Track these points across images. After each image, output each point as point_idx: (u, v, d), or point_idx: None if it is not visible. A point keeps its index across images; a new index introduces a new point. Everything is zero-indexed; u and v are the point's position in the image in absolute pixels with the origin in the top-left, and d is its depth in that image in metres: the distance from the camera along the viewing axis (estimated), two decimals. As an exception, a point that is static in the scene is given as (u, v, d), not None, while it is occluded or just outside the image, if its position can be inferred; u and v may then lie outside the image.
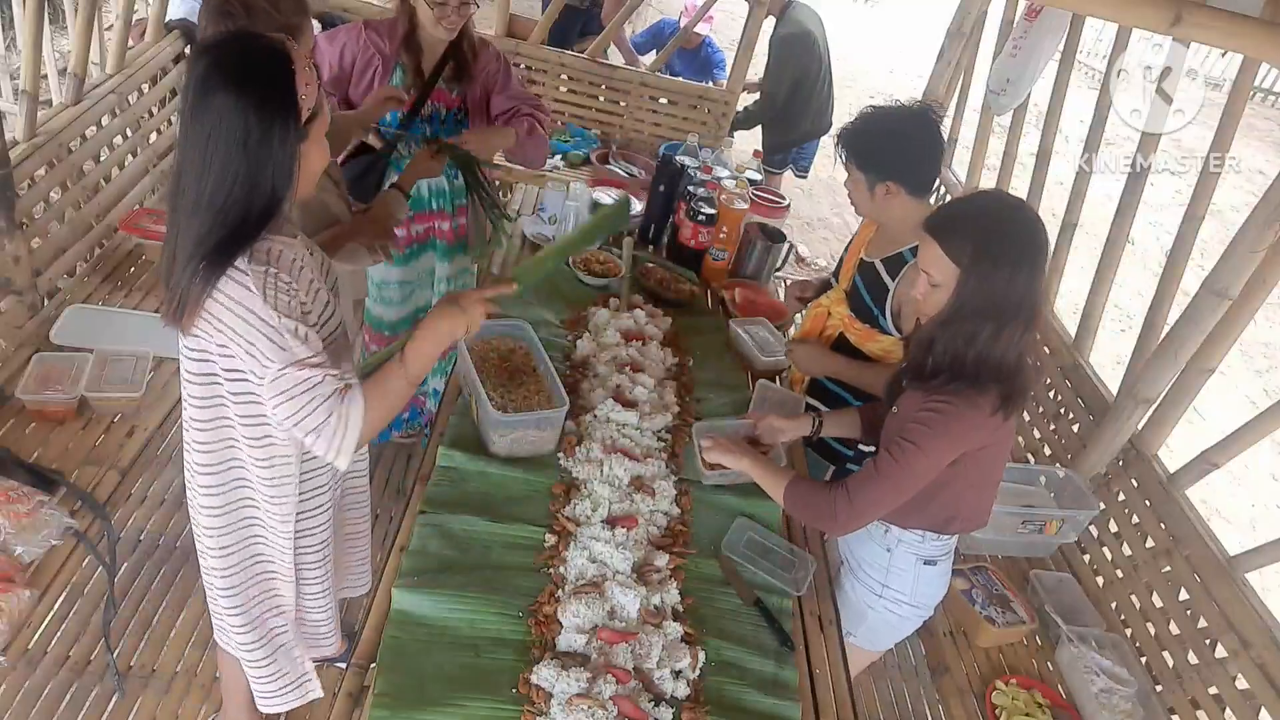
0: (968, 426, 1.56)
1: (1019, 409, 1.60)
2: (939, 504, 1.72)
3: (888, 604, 1.88)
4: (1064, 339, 2.92)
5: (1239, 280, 2.17)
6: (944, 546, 1.84)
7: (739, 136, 4.32)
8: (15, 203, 2.47)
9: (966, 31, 3.76)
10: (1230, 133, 2.34)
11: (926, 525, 1.78)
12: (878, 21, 11.84)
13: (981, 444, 1.61)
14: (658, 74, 4.12)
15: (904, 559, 1.83)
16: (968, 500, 1.75)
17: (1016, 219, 1.52)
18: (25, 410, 2.32)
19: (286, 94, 1.24)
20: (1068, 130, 3.36)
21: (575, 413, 1.97)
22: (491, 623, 1.52)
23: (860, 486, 1.61)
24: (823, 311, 2.24)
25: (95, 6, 2.84)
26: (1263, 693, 1.98)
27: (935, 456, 1.57)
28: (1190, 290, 2.35)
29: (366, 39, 2.31)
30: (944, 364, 1.55)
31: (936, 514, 1.75)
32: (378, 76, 2.33)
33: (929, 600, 1.91)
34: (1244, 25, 1.71)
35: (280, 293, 1.29)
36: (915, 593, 1.86)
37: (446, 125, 2.47)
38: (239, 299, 1.27)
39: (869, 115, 1.92)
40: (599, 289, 2.51)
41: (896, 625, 1.93)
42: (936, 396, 1.56)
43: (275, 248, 1.34)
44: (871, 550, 1.87)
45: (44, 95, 3.11)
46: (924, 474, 1.59)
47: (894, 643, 2.08)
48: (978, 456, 1.63)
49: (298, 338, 1.30)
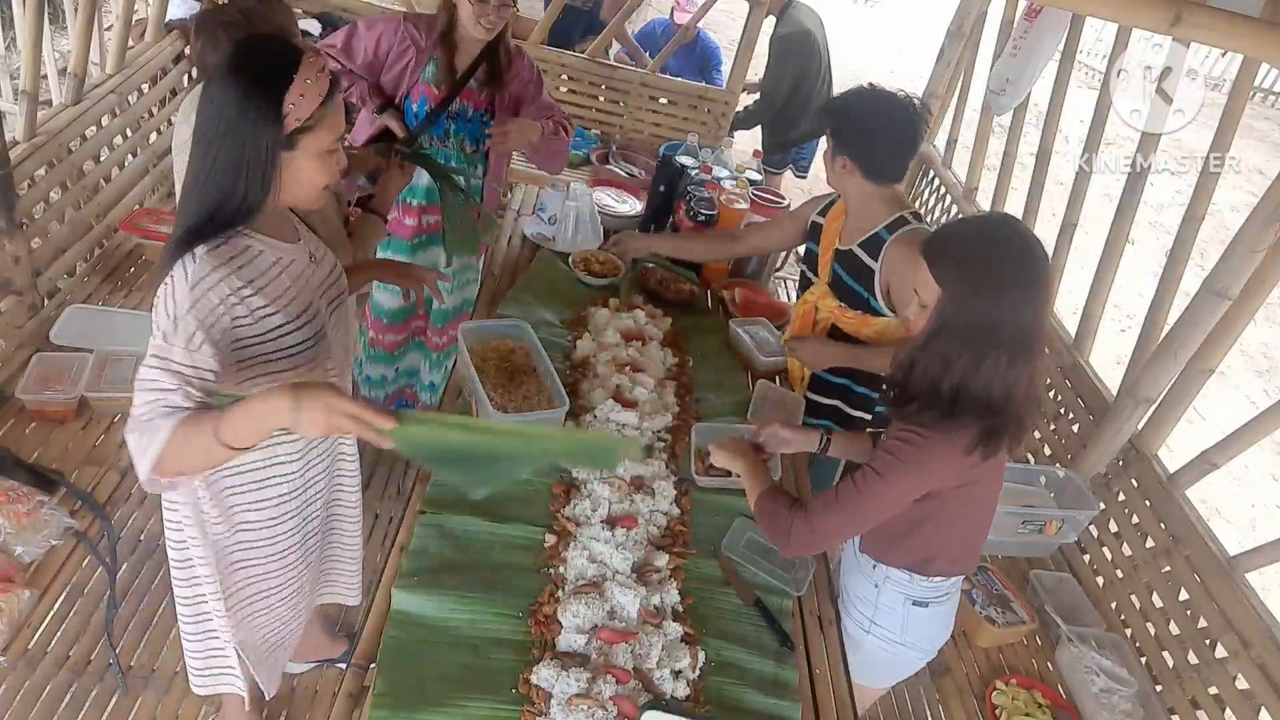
0: (937, 461, 1.47)
1: (1002, 450, 1.48)
2: (916, 542, 1.64)
3: (877, 640, 1.78)
4: (1064, 339, 2.92)
5: (1239, 280, 2.17)
6: (935, 589, 1.72)
7: (739, 136, 4.32)
8: (15, 203, 2.47)
9: (966, 31, 3.76)
10: (1230, 133, 2.34)
11: (906, 564, 1.69)
12: (878, 21, 11.85)
13: (956, 482, 1.51)
14: (658, 74, 4.12)
15: (891, 597, 1.73)
16: (948, 541, 1.65)
17: (1006, 244, 1.42)
18: (25, 410, 2.32)
19: (271, 96, 1.24)
20: (1068, 130, 3.35)
21: (575, 413, 1.97)
22: (491, 623, 1.52)
23: (818, 512, 1.54)
24: (810, 307, 2.24)
25: (95, 6, 2.84)
26: (1263, 693, 1.98)
27: (898, 490, 1.50)
28: (1190, 290, 2.35)
29: (404, 31, 2.35)
30: (921, 390, 1.46)
31: (914, 552, 1.67)
32: (410, 68, 2.37)
33: (923, 642, 1.79)
34: (1244, 25, 1.71)
35: (210, 294, 1.26)
36: (905, 633, 1.76)
37: (471, 124, 2.50)
38: (174, 278, 1.27)
39: (856, 91, 1.99)
40: (599, 289, 2.51)
41: (890, 663, 1.83)
42: (909, 426, 1.48)
43: (255, 246, 1.34)
44: (860, 584, 1.79)
45: (44, 95, 3.11)
46: (885, 506, 1.52)
47: (893, 681, 1.97)
48: (955, 495, 1.54)
49: (187, 343, 1.24)
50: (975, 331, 1.40)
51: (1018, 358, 1.41)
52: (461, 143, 2.51)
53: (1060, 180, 3.66)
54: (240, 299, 1.30)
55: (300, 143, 1.30)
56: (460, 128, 2.48)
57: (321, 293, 1.49)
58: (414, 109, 2.41)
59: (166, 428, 1.21)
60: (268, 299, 1.34)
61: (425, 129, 2.43)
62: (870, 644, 1.79)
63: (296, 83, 1.25)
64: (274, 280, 1.36)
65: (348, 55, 2.34)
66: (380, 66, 2.38)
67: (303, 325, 1.41)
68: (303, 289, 1.43)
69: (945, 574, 1.70)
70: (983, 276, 1.40)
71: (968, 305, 1.40)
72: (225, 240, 1.30)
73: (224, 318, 1.29)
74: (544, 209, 2.80)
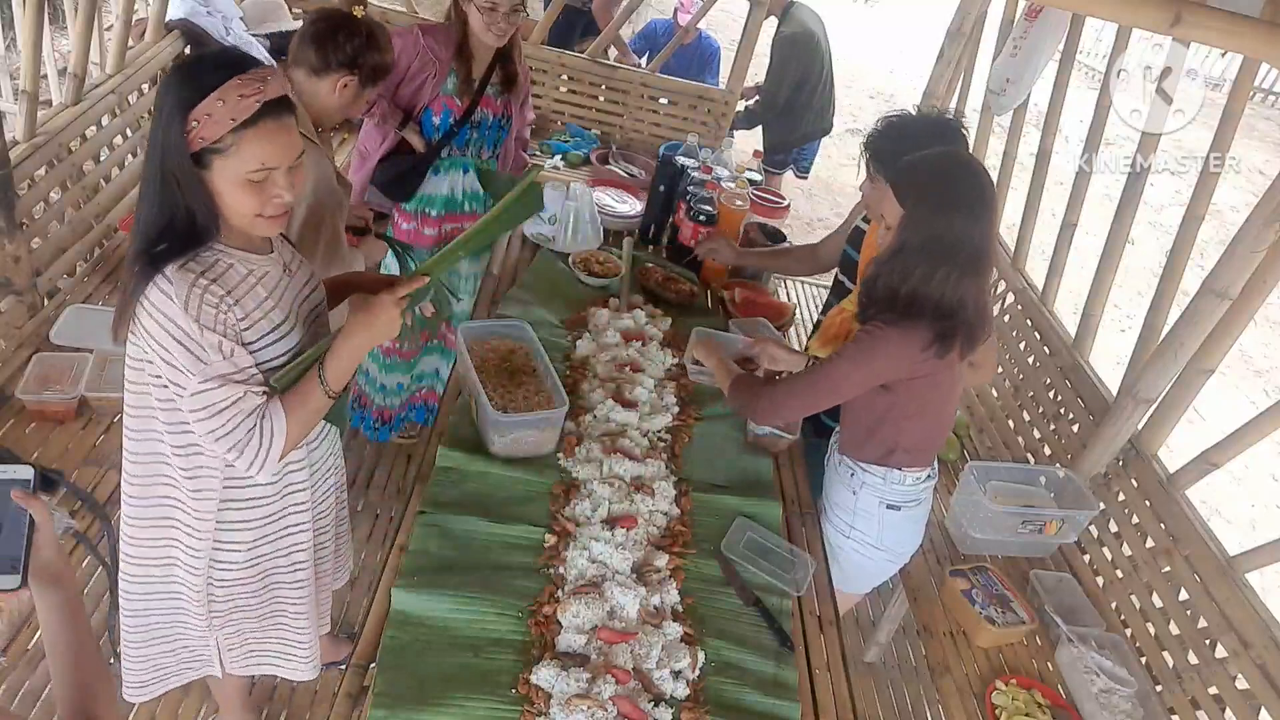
0: (893, 351, 1.67)
1: (956, 350, 1.67)
2: (882, 435, 1.84)
3: (855, 545, 1.98)
4: (1064, 339, 2.92)
5: (1239, 280, 2.17)
6: (907, 494, 1.92)
7: (739, 136, 4.31)
8: (15, 203, 2.47)
9: (966, 31, 3.75)
10: (1230, 133, 2.34)
11: (874, 458, 1.89)
12: (878, 21, 11.83)
13: (912, 374, 1.70)
14: (658, 74, 4.12)
15: (868, 501, 1.93)
16: (906, 432, 1.84)
17: (961, 171, 1.64)
18: (25, 410, 2.32)
19: (180, 110, 1.22)
20: (1068, 130, 3.35)
21: (575, 413, 1.97)
22: (491, 623, 1.52)
23: (784, 385, 1.81)
24: (846, 315, 2.21)
25: (95, 6, 2.84)
26: (1263, 693, 1.98)
27: (857, 374, 1.70)
28: (1190, 290, 2.34)
29: (425, 45, 2.38)
30: (881, 297, 1.67)
31: (881, 444, 1.86)
32: (431, 81, 2.41)
33: (897, 546, 2.01)
34: (1244, 25, 1.71)
35: (205, 305, 1.27)
36: (881, 537, 1.96)
37: (491, 132, 2.57)
38: (159, 305, 1.27)
39: (899, 126, 1.94)
40: (599, 289, 2.51)
41: (867, 568, 2.04)
42: (870, 324, 1.69)
43: (224, 260, 1.33)
44: (840, 491, 1.98)
45: (44, 95, 3.11)
46: (843, 386, 1.73)
47: (870, 586, 2.20)
48: (911, 387, 1.74)
49: (220, 352, 1.29)
50: (931, 245, 1.61)
51: (967, 271, 1.62)
52: (480, 150, 2.58)
53: (1060, 180, 3.66)
54: (228, 307, 1.30)
55: (213, 164, 1.26)
56: (481, 135, 2.55)
57: (299, 303, 1.48)
58: (435, 121, 2.46)
59: (279, 423, 1.34)
60: (245, 311, 1.34)
61: (446, 143, 2.48)
62: (849, 548, 2.00)
63: (207, 101, 1.22)
64: (250, 291, 1.35)
65: None
66: (398, 81, 2.40)
67: (285, 335, 1.41)
68: (280, 299, 1.42)
69: (908, 466, 1.89)
70: (938, 198, 1.62)
71: (926, 223, 1.62)
72: (193, 257, 1.29)
73: (229, 318, 1.30)
74: (544, 209, 2.80)
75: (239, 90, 1.23)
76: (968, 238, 1.61)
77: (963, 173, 1.64)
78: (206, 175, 1.27)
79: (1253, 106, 10.35)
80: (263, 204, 1.30)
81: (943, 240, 1.60)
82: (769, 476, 2.03)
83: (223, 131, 1.23)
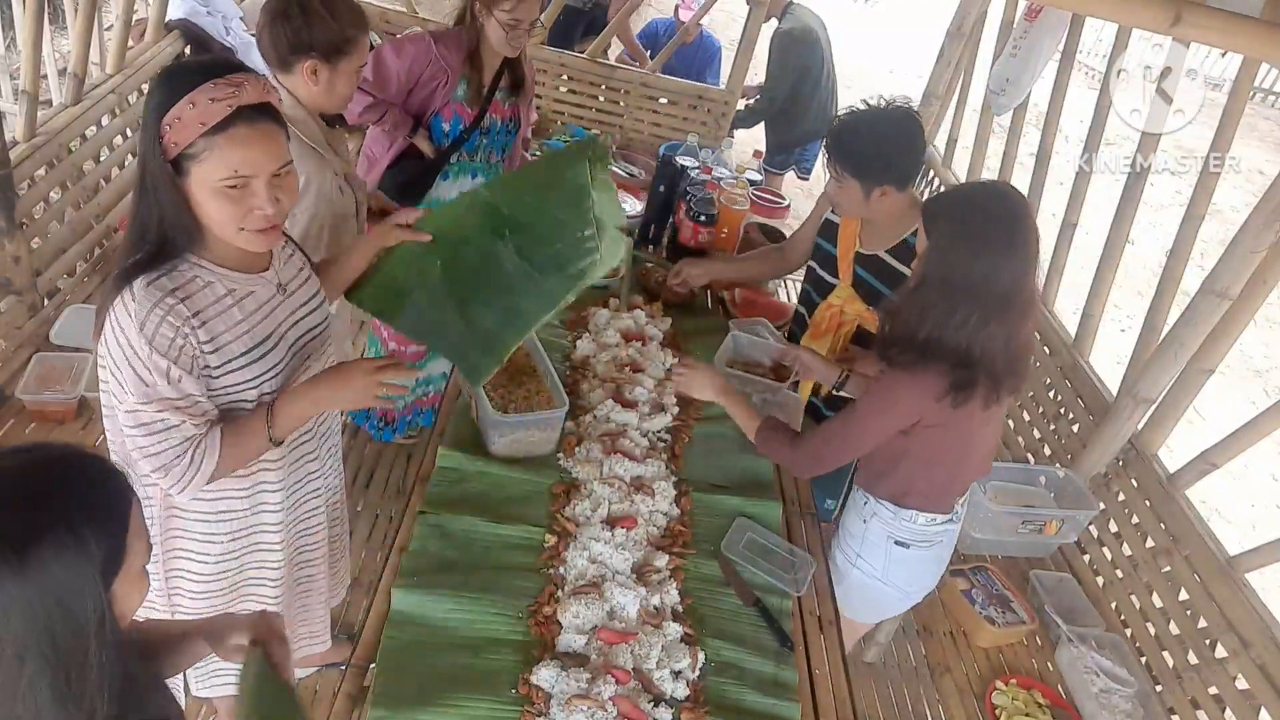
0: (909, 399, 1.59)
1: (975, 401, 1.57)
2: (897, 475, 1.78)
3: (861, 575, 1.93)
4: (1064, 339, 2.92)
5: (1239, 280, 2.17)
6: (917, 533, 1.84)
7: (739, 137, 4.31)
8: (15, 203, 2.47)
9: (966, 31, 3.75)
10: (1230, 133, 2.34)
11: (887, 495, 1.83)
12: (878, 21, 11.83)
13: (927, 421, 1.63)
14: (658, 74, 4.12)
15: (876, 533, 1.87)
16: (923, 479, 1.78)
17: (994, 209, 1.52)
18: (25, 410, 2.32)
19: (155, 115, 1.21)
20: (1068, 130, 3.35)
21: (575, 413, 1.97)
22: (491, 623, 1.52)
23: (819, 437, 1.73)
24: (835, 310, 2.21)
25: (95, 6, 2.84)
26: (1263, 693, 1.98)
27: (875, 424, 1.65)
28: (1190, 290, 2.35)
29: (438, 53, 2.37)
30: (901, 335, 1.58)
31: (895, 484, 1.80)
32: (442, 88, 2.40)
33: (905, 584, 1.92)
34: (1244, 25, 1.70)
35: (163, 327, 1.24)
36: (888, 572, 1.89)
37: (500, 136, 2.57)
38: (119, 319, 1.26)
39: (854, 123, 1.94)
40: (599, 289, 2.51)
41: (873, 599, 1.97)
42: (889, 368, 1.62)
43: (202, 277, 1.30)
44: (852, 519, 1.93)
45: (44, 95, 3.11)
46: (864, 439, 1.68)
47: (878, 618, 2.13)
48: (925, 435, 1.66)
49: (167, 378, 1.26)
50: (950, 285, 1.50)
51: (992, 316, 1.50)
52: (489, 154, 2.59)
53: (1060, 180, 3.66)
54: (191, 330, 1.27)
55: (190, 171, 1.22)
56: (491, 140, 2.56)
57: (291, 324, 1.45)
58: (444, 127, 2.46)
59: (212, 453, 1.31)
60: (212, 334, 1.30)
61: (455, 149, 2.48)
62: (855, 577, 1.94)
63: (179, 105, 1.18)
64: (223, 313, 1.32)
65: (379, 86, 2.35)
66: (411, 87, 2.39)
67: (260, 358, 1.37)
68: (262, 320, 1.38)
69: (919, 509, 1.82)
70: (964, 235, 1.50)
71: (946, 259, 1.51)
72: (166, 272, 1.27)
73: (186, 345, 1.27)
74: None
75: (210, 94, 1.19)
76: (995, 278, 1.47)
77: (995, 205, 1.51)
78: (186, 183, 1.24)
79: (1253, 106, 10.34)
80: (241, 216, 1.26)
81: (965, 279, 1.48)
82: (769, 477, 2.03)
83: (193, 136, 1.19)
